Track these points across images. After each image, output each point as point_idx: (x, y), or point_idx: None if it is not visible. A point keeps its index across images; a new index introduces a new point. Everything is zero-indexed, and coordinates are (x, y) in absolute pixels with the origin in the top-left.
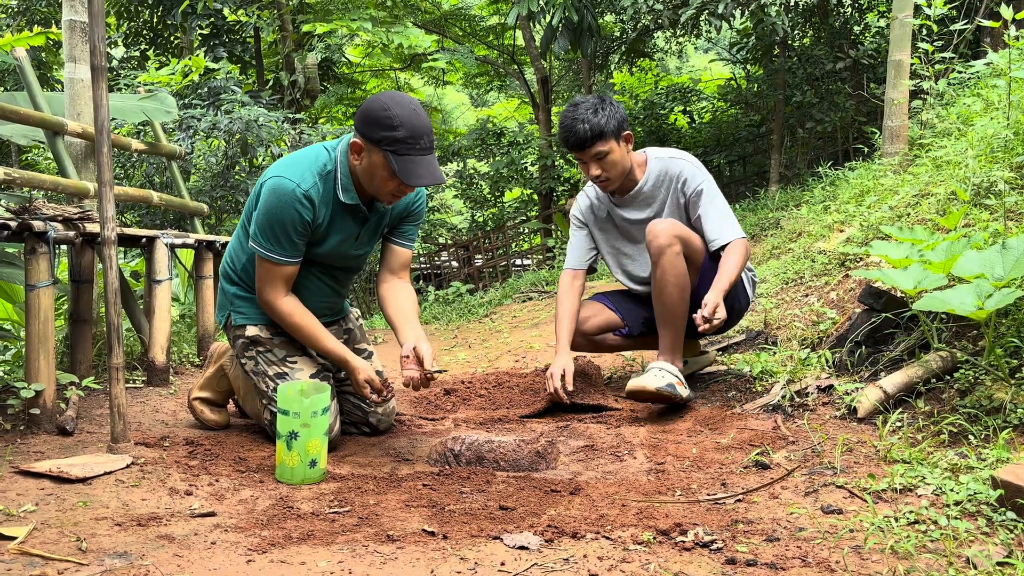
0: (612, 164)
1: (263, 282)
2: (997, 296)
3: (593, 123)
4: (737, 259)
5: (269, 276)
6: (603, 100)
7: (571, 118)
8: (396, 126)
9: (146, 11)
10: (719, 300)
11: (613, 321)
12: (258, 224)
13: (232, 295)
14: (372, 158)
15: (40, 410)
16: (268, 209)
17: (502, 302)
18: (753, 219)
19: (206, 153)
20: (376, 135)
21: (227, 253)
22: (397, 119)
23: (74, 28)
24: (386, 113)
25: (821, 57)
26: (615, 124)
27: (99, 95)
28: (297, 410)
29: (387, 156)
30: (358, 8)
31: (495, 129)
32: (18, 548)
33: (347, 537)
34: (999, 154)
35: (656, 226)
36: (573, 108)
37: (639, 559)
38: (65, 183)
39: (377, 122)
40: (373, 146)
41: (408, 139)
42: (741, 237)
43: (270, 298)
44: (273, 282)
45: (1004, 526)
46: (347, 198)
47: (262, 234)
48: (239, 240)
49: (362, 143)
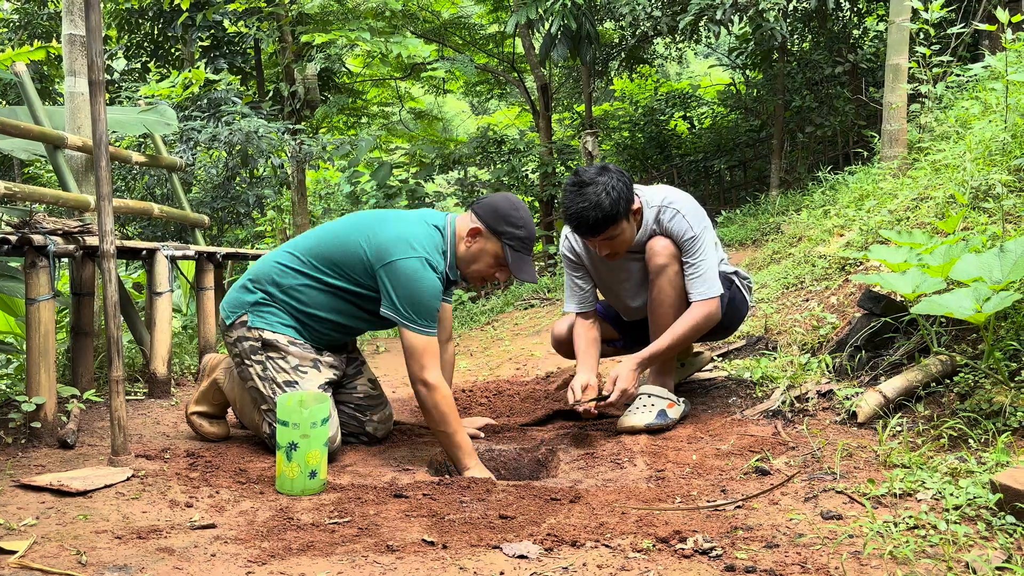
0: (622, 242)
1: (423, 360)
2: (995, 299)
3: (605, 210)
4: (684, 327)
5: (428, 353)
6: (606, 172)
7: (580, 204)
8: (520, 226)
9: (147, 24)
10: (626, 372)
11: (609, 334)
12: (408, 303)
13: (257, 300)
14: (487, 246)
15: (41, 423)
16: (418, 289)
17: (504, 309)
18: (754, 224)
19: (207, 165)
20: (500, 228)
21: (273, 265)
22: (522, 221)
23: (74, 42)
24: (516, 214)
25: (820, 62)
26: (624, 204)
27: (97, 109)
28: (297, 421)
29: (505, 249)
30: (357, 18)
31: (496, 137)
32: (18, 562)
33: (347, 548)
34: (997, 157)
35: (656, 244)
36: (578, 190)
37: (638, 567)
38: (66, 196)
39: (505, 218)
40: (494, 237)
41: (526, 239)
42: (708, 299)
43: (431, 376)
44: (433, 358)
45: (1003, 530)
46: (453, 275)
47: (415, 312)
48: (304, 265)
49: (483, 230)
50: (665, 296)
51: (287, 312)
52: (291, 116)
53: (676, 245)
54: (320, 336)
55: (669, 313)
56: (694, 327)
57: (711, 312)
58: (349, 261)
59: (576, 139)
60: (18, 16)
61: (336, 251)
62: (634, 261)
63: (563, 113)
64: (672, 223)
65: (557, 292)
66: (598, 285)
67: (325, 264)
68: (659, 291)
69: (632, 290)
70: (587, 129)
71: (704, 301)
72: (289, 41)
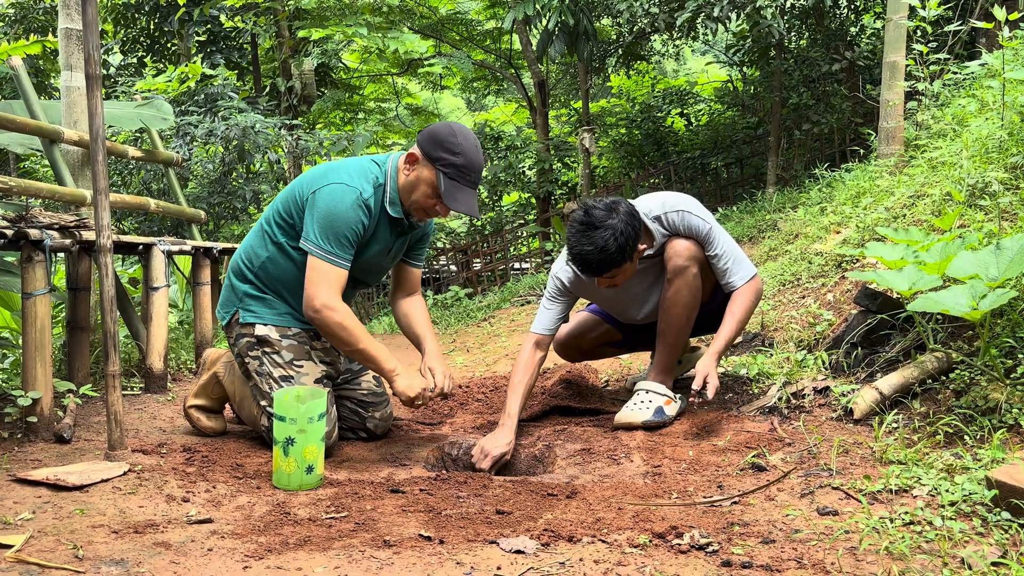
0: (624, 277)
1: (318, 285)
2: (992, 296)
3: (611, 256)
4: (742, 309)
5: (326, 279)
6: (615, 214)
7: (586, 247)
8: (457, 152)
9: (143, 18)
10: (712, 367)
11: (611, 335)
12: (318, 227)
13: (243, 293)
14: (423, 173)
15: (37, 418)
16: (331, 212)
17: (500, 306)
18: (750, 221)
19: (203, 160)
20: (436, 153)
21: (242, 251)
22: (460, 147)
23: (70, 36)
24: (453, 139)
25: (817, 59)
26: (631, 249)
27: (94, 104)
28: (293, 416)
29: (438, 175)
30: (354, 14)
31: (493, 133)
32: (15, 556)
33: (344, 543)
34: (994, 155)
35: (678, 244)
36: (585, 230)
37: (635, 562)
38: (62, 191)
39: (442, 143)
40: (429, 163)
41: (463, 167)
42: (751, 278)
43: (327, 300)
44: (330, 285)
45: (999, 526)
46: (393, 211)
47: (322, 237)
48: (261, 238)
49: (419, 156)
50: (681, 297)
51: (270, 292)
52: (288, 111)
53: (698, 244)
54: None
55: (683, 314)
56: (750, 307)
57: (759, 288)
58: (292, 209)
59: (573, 136)
60: (14, 10)
61: (283, 206)
62: (639, 274)
63: (560, 110)
64: (685, 223)
65: None
66: (599, 301)
67: (277, 224)
68: (675, 291)
69: (639, 302)
70: (584, 126)
71: (748, 282)
72: (286, 36)
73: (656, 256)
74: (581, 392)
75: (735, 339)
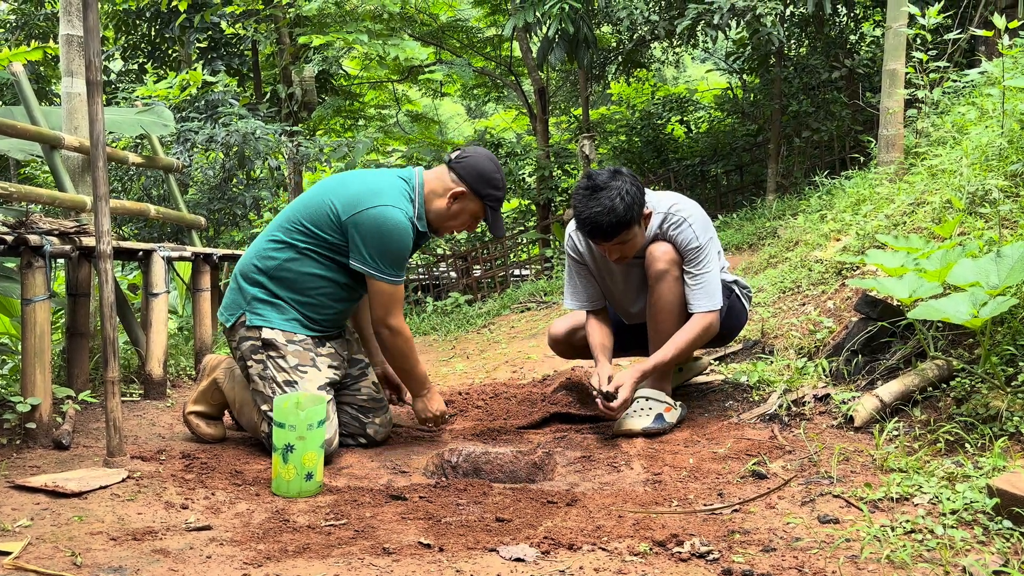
0: (632, 247)
1: (387, 308)
2: (992, 304)
3: (619, 215)
4: (685, 339)
5: (394, 300)
6: (619, 176)
7: (594, 209)
8: (500, 187)
9: (144, 24)
10: (629, 382)
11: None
12: (375, 250)
13: (251, 296)
14: (468, 206)
15: (36, 424)
16: (386, 236)
17: (500, 312)
18: (750, 228)
19: (204, 166)
20: (485, 191)
21: (254, 254)
22: (502, 182)
23: (71, 43)
24: (496, 176)
25: (817, 67)
26: (638, 209)
27: (95, 109)
28: (293, 423)
29: (487, 209)
30: (354, 21)
31: (493, 140)
32: (13, 563)
33: (343, 550)
34: (994, 162)
35: (656, 250)
36: (591, 194)
37: (635, 570)
38: (62, 197)
39: (489, 181)
40: (477, 198)
41: (502, 199)
42: (710, 311)
43: (396, 322)
44: (398, 306)
45: (1000, 535)
46: (422, 227)
47: (381, 260)
48: (278, 243)
49: (467, 192)
50: (664, 302)
51: (280, 298)
52: (288, 118)
53: (678, 252)
54: (319, 312)
55: (668, 319)
56: (694, 339)
57: (710, 324)
58: (319, 221)
59: (573, 143)
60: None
61: (305, 214)
62: (635, 267)
63: (560, 117)
64: (678, 232)
65: (554, 295)
66: (603, 286)
67: (298, 231)
68: (658, 297)
69: (632, 295)
70: (584, 133)
71: (704, 314)
72: (287, 43)
73: (641, 257)
74: (581, 399)
75: (669, 366)
